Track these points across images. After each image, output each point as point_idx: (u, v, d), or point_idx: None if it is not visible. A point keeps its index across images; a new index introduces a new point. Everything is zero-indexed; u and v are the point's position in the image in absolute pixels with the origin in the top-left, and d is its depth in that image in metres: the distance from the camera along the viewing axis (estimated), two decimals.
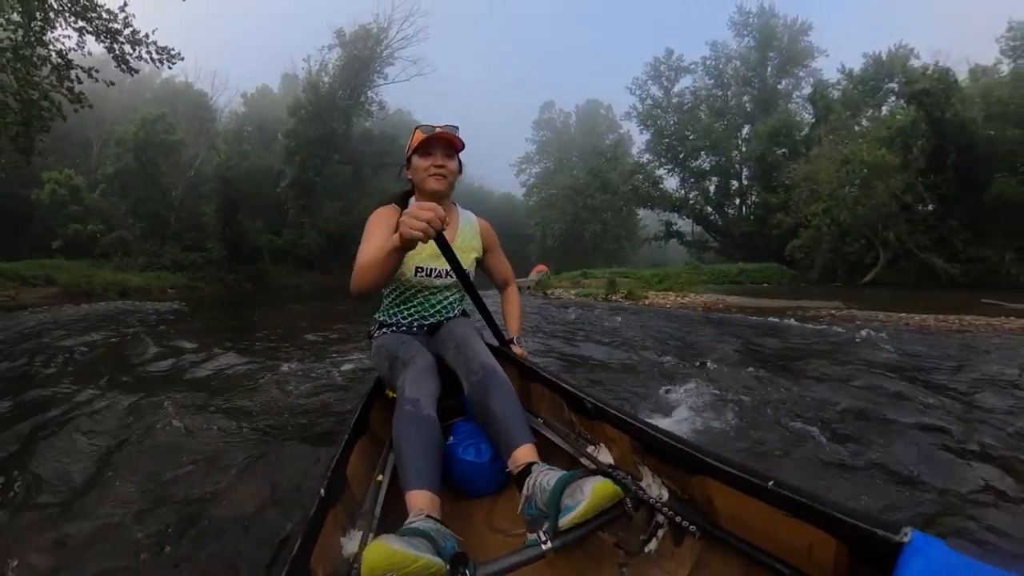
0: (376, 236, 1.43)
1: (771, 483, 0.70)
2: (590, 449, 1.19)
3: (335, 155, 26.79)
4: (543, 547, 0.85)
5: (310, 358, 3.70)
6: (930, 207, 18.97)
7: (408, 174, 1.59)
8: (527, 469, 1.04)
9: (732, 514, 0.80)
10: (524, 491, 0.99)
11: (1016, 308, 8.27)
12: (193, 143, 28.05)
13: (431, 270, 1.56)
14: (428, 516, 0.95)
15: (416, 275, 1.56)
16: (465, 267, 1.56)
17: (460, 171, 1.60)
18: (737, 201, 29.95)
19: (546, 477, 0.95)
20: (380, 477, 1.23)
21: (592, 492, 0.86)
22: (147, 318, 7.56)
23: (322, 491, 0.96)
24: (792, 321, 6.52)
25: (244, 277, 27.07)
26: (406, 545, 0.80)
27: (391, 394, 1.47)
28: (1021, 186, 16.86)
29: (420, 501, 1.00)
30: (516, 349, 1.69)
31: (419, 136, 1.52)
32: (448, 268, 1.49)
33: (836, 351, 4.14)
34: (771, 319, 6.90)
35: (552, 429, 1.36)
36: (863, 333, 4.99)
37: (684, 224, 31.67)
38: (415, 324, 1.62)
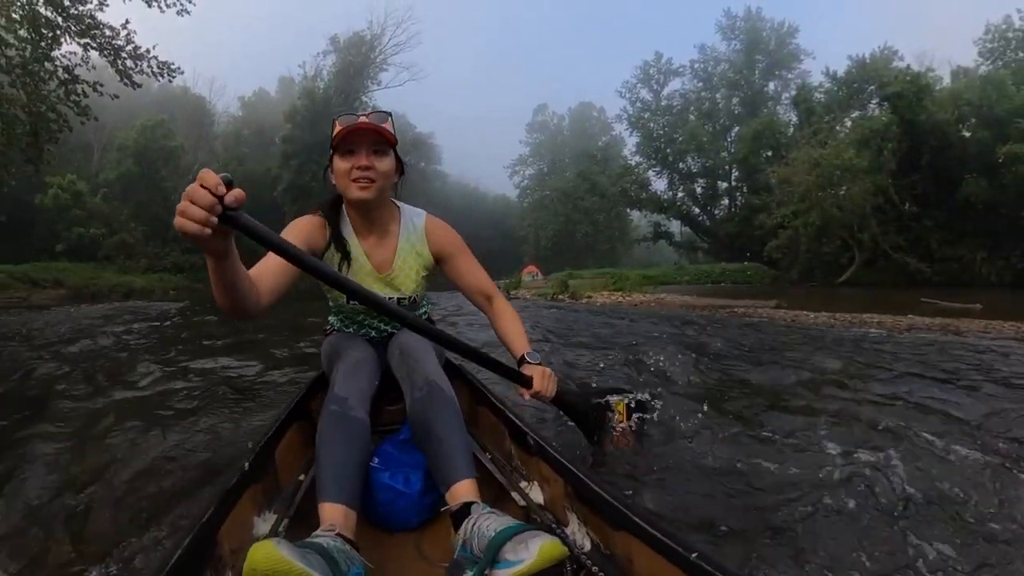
0: (267, 256, 1.05)
1: (695, 555, 0.68)
2: (523, 484, 1.18)
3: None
4: None
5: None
6: (906, 207, 19.53)
7: (332, 178, 1.28)
8: (466, 509, 0.94)
9: None
10: (461, 533, 0.91)
11: (948, 307, 8.90)
12: (192, 147, 28.84)
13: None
14: (338, 534, 0.88)
15: (349, 303, 1.36)
16: (414, 292, 1.37)
17: (400, 171, 1.29)
18: (726, 202, 30.54)
19: (487, 522, 0.87)
20: (302, 477, 1.19)
21: (539, 552, 0.78)
22: (161, 315, 8.38)
23: (246, 465, 0.95)
24: (690, 314, 7.78)
25: None
26: (296, 556, 0.73)
27: None
28: (990, 187, 17.41)
29: (332, 515, 0.93)
30: (536, 370, 1.26)
31: (337, 129, 1.21)
32: (390, 297, 1.31)
33: (663, 335, 4.89)
34: (665, 312, 8.31)
35: (490, 456, 1.34)
36: (711, 325, 5.88)
37: (674, 225, 32.26)
38: (365, 335, 1.45)
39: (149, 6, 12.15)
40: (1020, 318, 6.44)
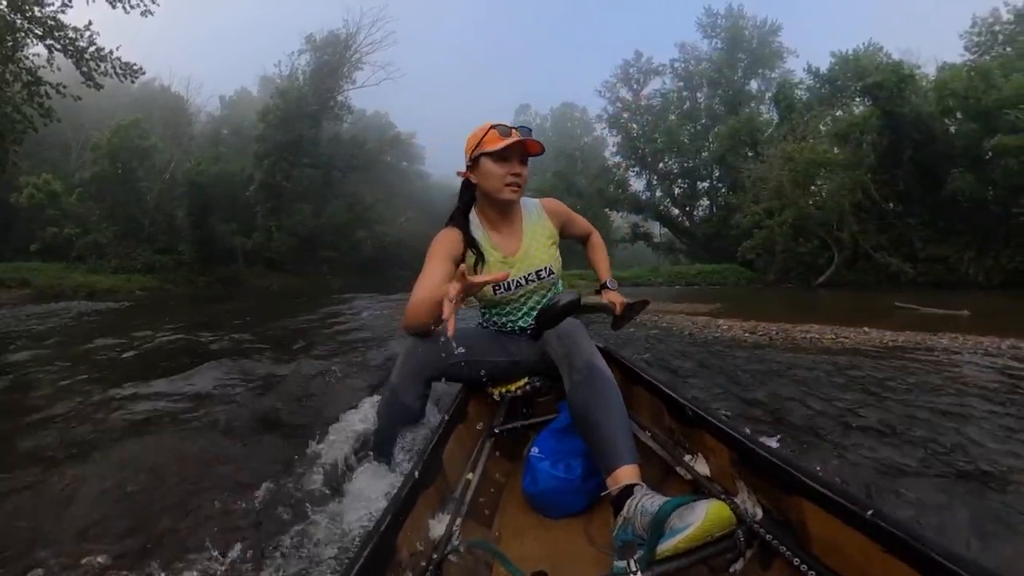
0: (432, 269, 1.33)
1: (870, 512, 0.65)
2: (687, 458, 1.12)
3: (304, 159, 26.24)
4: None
5: None
6: (890, 206, 17.92)
7: (473, 177, 1.41)
8: (628, 490, 0.92)
9: (826, 542, 0.74)
10: (623, 512, 0.89)
11: (928, 313, 7.30)
12: (169, 147, 27.77)
13: (510, 284, 1.46)
14: None
15: (496, 294, 1.47)
16: (549, 263, 1.50)
17: None
18: (707, 202, 28.86)
19: (651, 500, 0.85)
20: (470, 476, 1.21)
21: (706, 514, 0.76)
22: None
23: (417, 473, 0.97)
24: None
25: (215, 279, 26.77)
26: None
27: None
28: (978, 182, 15.75)
29: None
30: (609, 295, 1.58)
31: (494, 138, 1.34)
32: (527, 274, 1.46)
33: None
34: None
35: (650, 434, 1.30)
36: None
37: (655, 226, 30.70)
38: (508, 325, 1.54)
39: (113, 7, 12.02)
40: (1011, 329, 4.81)
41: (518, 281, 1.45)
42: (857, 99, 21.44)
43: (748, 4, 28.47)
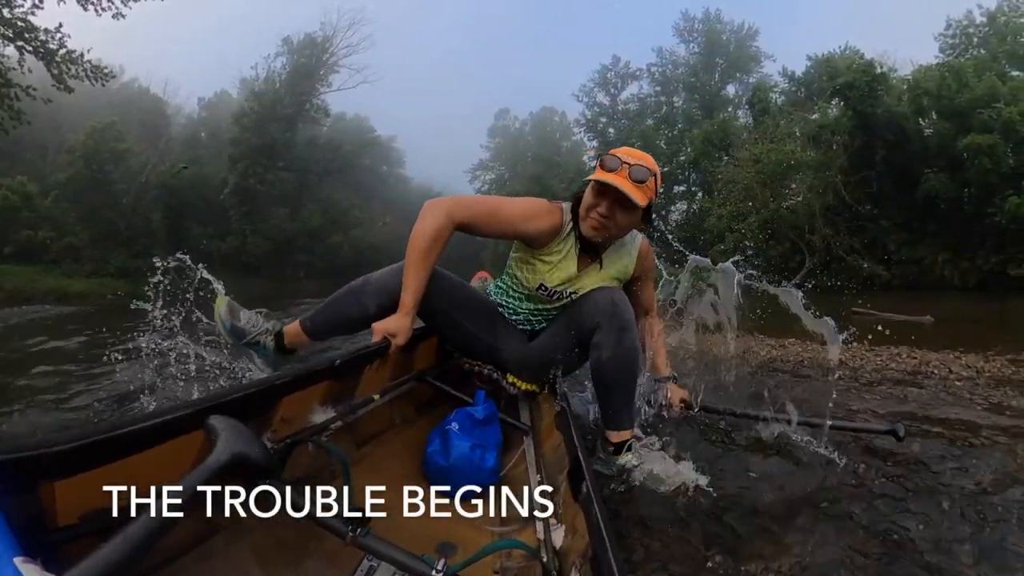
0: (512, 206, 1.30)
1: None
2: (552, 522, 1.02)
3: (279, 162, 25.23)
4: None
5: None
6: (866, 208, 17.00)
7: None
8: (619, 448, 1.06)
9: None
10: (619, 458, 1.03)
11: (888, 319, 6.28)
12: (146, 149, 26.75)
13: (553, 292, 1.38)
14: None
15: (537, 290, 1.40)
16: (584, 289, 1.40)
17: (647, 222, 1.34)
18: (683, 206, 27.92)
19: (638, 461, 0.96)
20: (376, 396, 1.17)
21: None
22: None
23: (337, 361, 0.97)
24: None
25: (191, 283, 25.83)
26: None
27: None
28: (952, 182, 14.81)
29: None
30: (674, 389, 1.46)
31: (598, 172, 1.21)
32: (572, 289, 1.38)
33: None
34: None
35: (540, 479, 1.21)
36: None
37: None
38: (519, 318, 1.47)
39: (85, 9, 11.68)
40: (975, 341, 3.80)
41: (558, 294, 1.38)
42: (833, 101, 20.63)
43: (727, 9, 27.57)
